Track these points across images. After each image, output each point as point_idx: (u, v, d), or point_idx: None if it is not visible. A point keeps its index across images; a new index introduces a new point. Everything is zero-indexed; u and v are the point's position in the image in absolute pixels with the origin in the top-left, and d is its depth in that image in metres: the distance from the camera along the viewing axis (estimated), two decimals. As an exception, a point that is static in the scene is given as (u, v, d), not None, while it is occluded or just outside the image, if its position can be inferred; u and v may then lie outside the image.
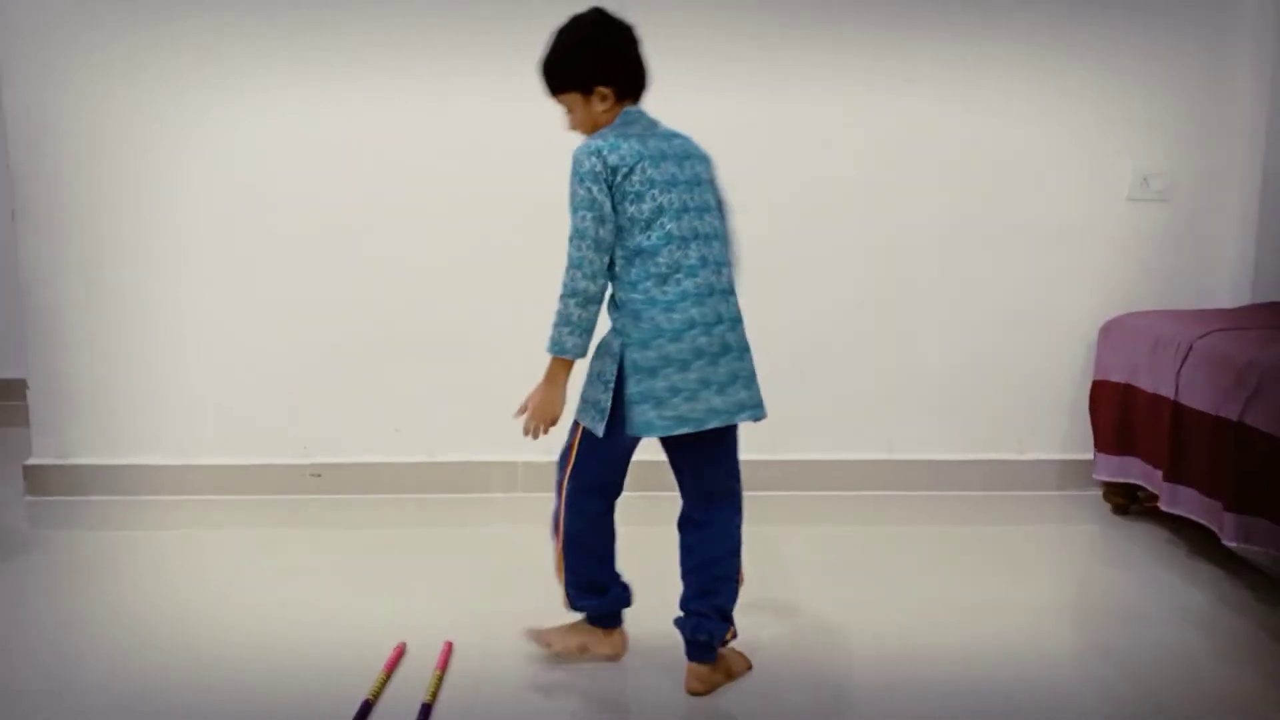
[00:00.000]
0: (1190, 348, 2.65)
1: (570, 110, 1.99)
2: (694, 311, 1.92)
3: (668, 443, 2.00)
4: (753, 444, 3.16)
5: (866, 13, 3.02)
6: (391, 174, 3.03)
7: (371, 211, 3.04)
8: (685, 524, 2.07)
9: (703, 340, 1.93)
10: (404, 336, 3.09)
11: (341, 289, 3.07)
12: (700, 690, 2.03)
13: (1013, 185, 3.14)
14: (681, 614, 2.04)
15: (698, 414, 1.94)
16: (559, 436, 2.09)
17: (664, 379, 1.92)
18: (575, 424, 2.06)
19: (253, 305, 3.07)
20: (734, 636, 2.07)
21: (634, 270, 1.93)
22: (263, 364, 3.09)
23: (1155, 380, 2.77)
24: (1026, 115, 3.11)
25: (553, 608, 2.14)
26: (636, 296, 1.93)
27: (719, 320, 1.96)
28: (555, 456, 2.11)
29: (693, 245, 1.94)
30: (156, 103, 2.95)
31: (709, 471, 2.05)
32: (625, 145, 1.91)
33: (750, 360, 2.05)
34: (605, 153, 1.89)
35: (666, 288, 1.92)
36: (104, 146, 2.97)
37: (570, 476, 2.07)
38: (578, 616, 2.15)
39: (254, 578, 2.57)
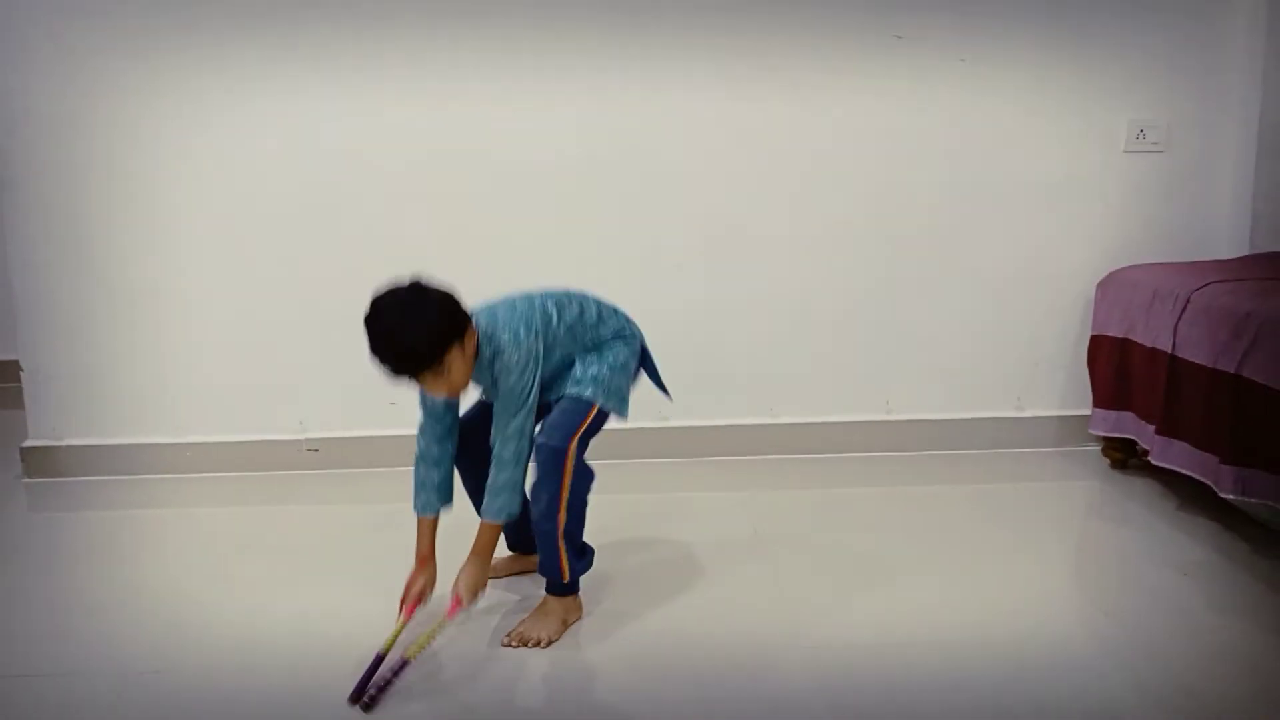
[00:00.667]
0: (1188, 300, 2.64)
1: (448, 370, 1.99)
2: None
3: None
4: (750, 408, 3.20)
5: (855, -32, 2.98)
6: (386, 150, 3.00)
7: (365, 185, 3.02)
8: None
9: None
10: (397, 309, 3.07)
11: (334, 263, 3.04)
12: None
13: (1008, 140, 3.11)
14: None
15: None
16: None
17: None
18: (588, 403, 2.11)
19: (246, 282, 3.05)
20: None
21: (603, 330, 2.17)
22: (257, 340, 3.08)
23: (1153, 334, 2.75)
24: (1020, 70, 3.07)
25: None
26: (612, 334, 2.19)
27: None
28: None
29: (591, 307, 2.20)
30: (147, 85, 2.92)
31: None
32: (527, 319, 2.09)
33: None
34: (539, 333, 2.07)
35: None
36: (95, 127, 2.93)
37: (579, 447, 2.10)
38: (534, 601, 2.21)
39: (252, 554, 2.57)
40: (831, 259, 3.14)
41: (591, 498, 2.15)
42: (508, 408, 2.06)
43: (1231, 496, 2.43)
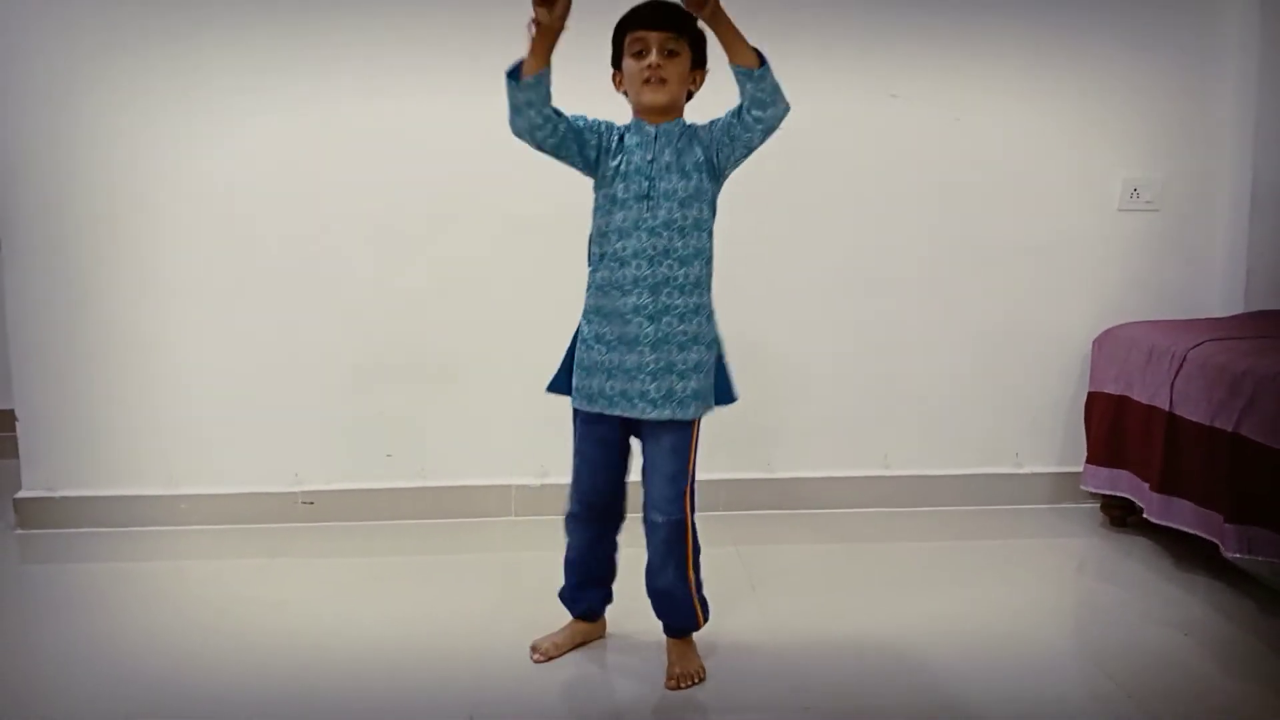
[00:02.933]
0: (1184, 358, 2.64)
1: (682, 61, 2.00)
2: None
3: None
4: (748, 462, 3.19)
5: (850, 28, 3.02)
6: (379, 199, 3.02)
7: (360, 236, 3.03)
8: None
9: None
10: (394, 361, 3.08)
11: (330, 315, 3.05)
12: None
13: (1003, 199, 3.14)
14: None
15: None
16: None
17: None
18: (688, 434, 2.09)
19: (241, 333, 3.05)
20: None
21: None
22: (252, 392, 3.07)
23: (1149, 391, 2.75)
24: (1015, 128, 3.10)
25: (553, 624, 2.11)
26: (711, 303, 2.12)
27: None
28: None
29: None
30: (141, 134, 2.94)
31: None
32: None
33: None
34: None
35: None
36: (91, 177, 2.95)
37: (692, 504, 2.12)
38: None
39: (246, 608, 2.54)
40: (827, 315, 3.15)
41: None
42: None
43: (1236, 555, 2.42)
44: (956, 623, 2.43)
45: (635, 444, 2.17)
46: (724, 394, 2.14)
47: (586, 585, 2.28)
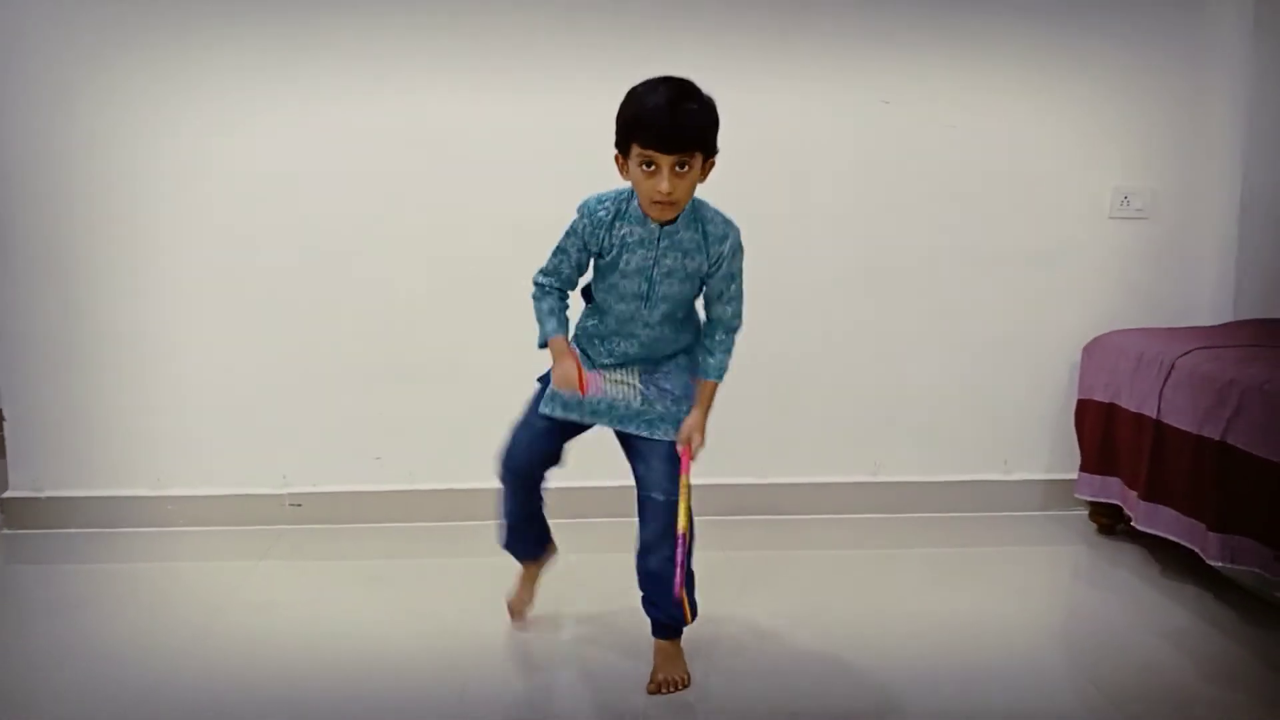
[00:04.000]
0: (1173, 366, 2.65)
1: (692, 171, 1.94)
2: None
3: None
4: (739, 468, 3.18)
5: (843, 35, 3.02)
6: (371, 201, 3.01)
7: (350, 238, 3.02)
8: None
9: None
10: (384, 363, 3.07)
11: (320, 316, 3.04)
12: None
13: (995, 207, 3.14)
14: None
15: None
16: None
17: None
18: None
19: (230, 335, 3.04)
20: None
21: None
22: (240, 393, 3.06)
23: (1138, 399, 2.76)
24: (1006, 137, 3.11)
25: (548, 633, 2.10)
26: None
27: None
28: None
29: None
30: (132, 133, 2.93)
31: None
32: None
33: None
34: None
35: None
36: (80, 178, 2.94)
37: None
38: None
39: (233, 610, 2.54)
40: (818, 322, 3.15)
41: (574, 557, 2.14)
42: (740, 294, 2.15)
43: (1219, 564, 2.42)
44: (944, 630, 2.43)
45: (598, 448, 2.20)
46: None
47: (526, 535, 2.33)
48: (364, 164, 2.99)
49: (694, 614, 2.19)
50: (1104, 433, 2.92)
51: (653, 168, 1.90)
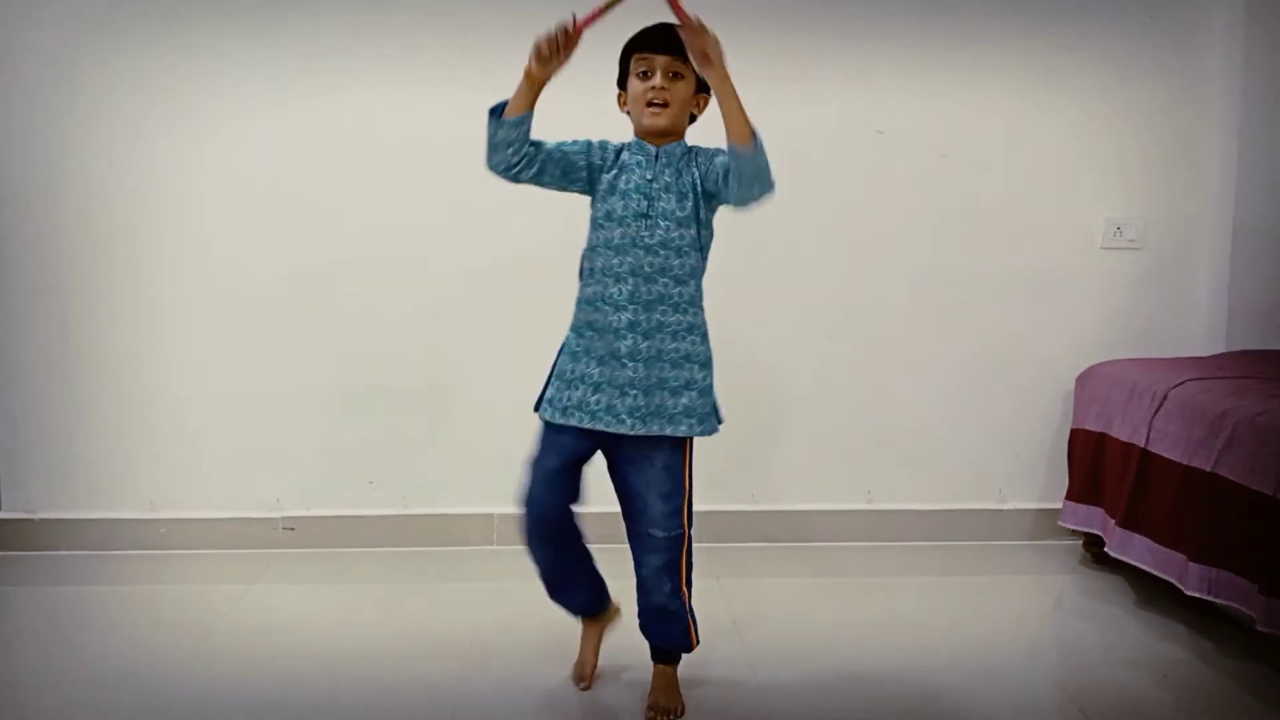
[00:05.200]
0: (1165, 396, 2.66)
1: (679, 81, 2.00)
2: None
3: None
4: (731, 495, 3.18)
5: (836, 64, 3.05)
6: (363, 226, 3.03)
7: (343, 263, 3.04)
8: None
9: None
10: (378, 388, 3.07)
11: (312, 340, 3.05)
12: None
13: (988, 236, 3.16)
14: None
15: None
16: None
17: None
18: (681, 455, 2.08)
19: (224, 358, 3.05)
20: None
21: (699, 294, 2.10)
22: (234, 416, 3.07)
23: (1129, 429, 2.77)
24: (999, 166, 3.13)
25: (538, 661, 2.09)
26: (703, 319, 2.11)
27: None
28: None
29: None
30: (123, 155, 2.95)
31: None
32: None
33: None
34: None
35: None
36: (74, 199, 2.96)
37: (689, 518, 2.11)
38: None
39: (225, 633, 2.53)
40: (811, 350, 3.16)
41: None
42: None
43: (1197, 594, 2.42)
44: (935, 658, 2.42)
45: (592, 474, 2.13)
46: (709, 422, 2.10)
47: (569, 587, 2.21)
48: (358, 191, 3.01)
49: (698, 638, 2.18)
50: (1093, 462, 2.93)
51: (647, 74, 2.00)
